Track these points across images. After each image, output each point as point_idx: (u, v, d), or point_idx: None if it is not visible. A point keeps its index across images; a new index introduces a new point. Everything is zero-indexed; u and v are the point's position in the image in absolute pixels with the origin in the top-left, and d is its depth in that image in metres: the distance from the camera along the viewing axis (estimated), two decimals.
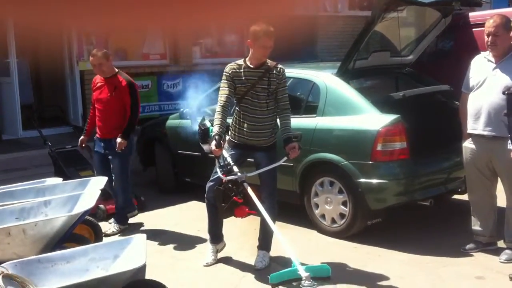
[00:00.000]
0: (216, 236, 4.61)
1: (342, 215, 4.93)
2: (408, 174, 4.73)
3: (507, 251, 4.27)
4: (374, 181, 4.68)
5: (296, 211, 5.26)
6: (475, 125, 4.27)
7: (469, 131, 4.34)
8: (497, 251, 4.40)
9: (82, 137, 5.84)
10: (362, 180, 4.72)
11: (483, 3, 5.90)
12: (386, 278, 4.09)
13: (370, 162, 4.71)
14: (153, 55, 10.05)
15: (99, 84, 5.66)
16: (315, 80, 5.38)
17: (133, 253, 3.42)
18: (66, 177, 5.71)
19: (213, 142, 4.08)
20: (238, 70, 4.27)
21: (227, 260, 4.61)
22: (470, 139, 4.35)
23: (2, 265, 3.17)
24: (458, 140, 4.92)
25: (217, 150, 4.09)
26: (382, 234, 4.87)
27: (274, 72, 4.26)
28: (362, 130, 4.79)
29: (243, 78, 4.25)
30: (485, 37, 4.20)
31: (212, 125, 4.31)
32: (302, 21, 11.41)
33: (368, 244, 4.74)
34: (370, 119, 4.81)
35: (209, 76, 9.90)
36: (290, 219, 5.25)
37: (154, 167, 7.07)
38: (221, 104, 4.21)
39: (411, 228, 5.10)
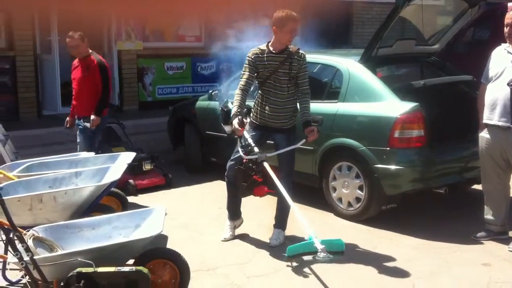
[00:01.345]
0: (234, 213, 4.83)
1: (358, 199, 5.08)
2: (424, 161, 4.83)
3: None
4: (391, 167, 4.80)
5: (314, 193, 5.43)
6: (491, 115, 4.33)
7: (485, 121, 4.41)
8: (507, 240, 4.48)
9: (68, 118, 6.18)
10: (379, 165, 4.85)
11: None
12: (394, 260, 4.25)
13: (388, 148, 4.83)
14: (188, 37, 10.29)
15: (74, 65, 6.06)
16: (339, 66, 5.50)
17: (153, 223, 3.67)
18: (99, 152, 6.04)
19: (236, 121, 4.29)
20: (260, 55, 4.44)
21: (244, 237, 4.84)
22: (486, 129, 4.42)
23: (33, 228, 3.48)
24: (476, 131, 4.97)
25: (239, 128, 4.29)
26: (396, 219, 5.01)
27: (296, 57, 4.42)
28: (381, 116, 4.90)
29: (266, 62, 4.43)
30: (505, 28, 4.24)
31: (233, 105, 4.51)
32: (338, 6, 11.44)
33: (381, 228, 4.88)
34: (389, 106, 4.92)
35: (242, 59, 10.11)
36: (308, 201, 5.43)
37: (183, 146, 7.33)
38: (240, 88, 4.42)
39: (424, 215, 5.21)
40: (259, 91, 4.57)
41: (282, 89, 4.44)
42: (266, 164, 4.29)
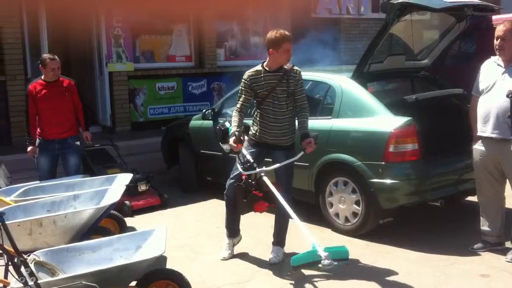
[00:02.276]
0: (234, 231, 4.85)
1: (355, 214, 5.12)
2: (419, 175, 4.89)
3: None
4: (386, 181, 4.85)
5: (311, 209, 5.46)
6: (484, 127, 4.40)
7: (478, 133, 4.48)
8: (504, 251, 4.53)
9: (31, 147, 5.92)
10: (375, 180, 4.89)
11: (496, 8, 5.94)
12: (394, 274, 4.28)
13: (383, 162, 4.88)
14: (179, 57, 10.36)
15: (43, 90, 5.84)
16: (331, 82, 5.58)
17: (154, 244, 3.68)
18: (94, 174, 6.04)
19: (232, 138, 4.37)
20: (257, 76, 4.50)
21: (243, 255, 4.84)
22: (480, 141, 4.49)
23: (34, 253, 3.47)
24: (469, 143, 5.05)
25: (236, 145, 4.36)
26: (393, 232, 5.05)
27: (292, 73, 4.50)
28: (375, 131, 4.97)
29: (263, 82, 4.48)
30: (495, 40, 4.34)
31: (231, 125, 4.56)
32: (326, 22, 11.65)
33: (379, 242, 4.92)
34: (383, 121, 4.98)
35: (233, 78, 10.20)
36: (305, 217, 5.37)
37: (178, 166, 7.35)
38: (237, 110, 4.53)
39: (421, 228, 5.25)
40: (258, 110, 4.60)
41: (281, 106, 4.49)
42: (265, 179, 4.34)
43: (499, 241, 4.59)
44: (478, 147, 4.52)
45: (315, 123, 5.26)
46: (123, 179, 5.05)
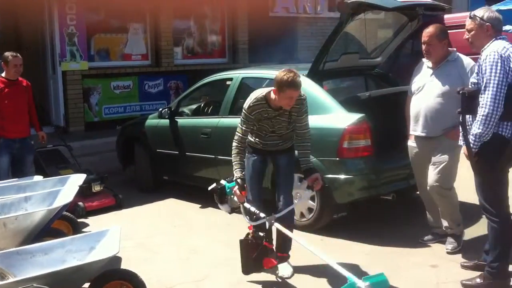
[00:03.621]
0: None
1: (310, 210, 5.19)
2: (372, 170, 4.99)
3: (450, 239, 4.57)
4: (341, 176, 4.94)
5: (267, 206, 5.47)
6: (415, 127, 4.55)
7: (410, 132, 4.63)
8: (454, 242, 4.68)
9: None
10: (329, 176, 4.97)
11: (447, 8, 6.12)
12: (348, 267, 4.30)
13: (337, 158, 4.96)
14: (135, 56, 10.24)
15: (6, 89, 5.81)
16: None
17: (108, 244, 3.63)
18: (46, 175, 5.91)
19: (236, 187, 4.05)
20: (259, 109, 4.08)
21: (200, 254, 4.85)
22: (413, 138, 4.62)
23: None
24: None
25: (240, 194, 4.05)
26: (347, 227, 5.15)
27: (295, 105, 4.05)
28: (330, 128, 5.04)
29: (264, 114, 4.10)
30: (422, 45, 4.46)
31: (228, 182, 4.21)
32: (282, 22, 11.74)
33: (334, 237, 5.00)
34: (337, 118, 5.07)
35: (190, 76, 10.16)
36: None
37: (133, 166, 7.27)
38: (237, 145, 4.14)
39: (374, 221, 5.38)
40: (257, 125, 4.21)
41: (280, 131, 4.19)
42: (277, 225, 3.95)
43: (446, 232, 4.73)
44: (412, 144, 4.66)
45: None
46: (76, 180, 4.96)
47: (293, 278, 4.18)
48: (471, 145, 3.71)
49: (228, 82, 6.29)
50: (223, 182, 4.28)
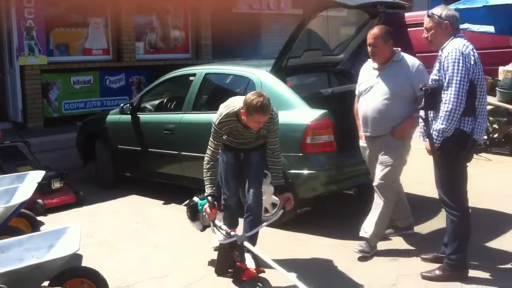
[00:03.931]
0: (232, 224, 4.33)
1: (274, 205, 5.20)
2: (334, 165, 5.04)
3: (362, 243, 4.48)
4: (304, 172, 4.97)
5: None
6: (364, 127, 4.53)
7: (361, 132, 4.62)
8: (414, 235, 4.80)
9: None
10: (293, 171, 5.00)
11: (407, 6, 6.23)
12: (310, 262, 4.41)
13: (300, 154, 4.99)
14: (95, 50, 10.05)
15: None
16: (251, 77, 5.63)
17: (68, 242, 3.55)
18: (4, 172, 5.75)
19: (207, 204, 4.01)
20: (230, 125, 4.06)
21: (162, 251, 4.80)
22: (364, 138, 4.62)
23: None
24: None
25: (210, 212, 3.99)
26: (311, 222, 5.19)
27: (266, 123, 4.00)
28: (293, 124, 5.06)
29: (235, 129, 4.09)
30: (368, 47, 4.43)
31: (200, 199, 4.19)
32: (246, 18, 11.74)
33: (298, 232, 5.04)
34: (300, 113, 5.10)
35: (152, 72, 10.05)
36: None
37: (94, 162, 7.14)
38: (209, 160, 4.08)
39: (337, 216, 5.45)
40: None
41: (250, 141, 4.20)
42: (247, 244, 3.93)
43: (408, 225, 4.81)
44: (363, 144, 4.64)
45: None
46: (34, 177, 4.83)
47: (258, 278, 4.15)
48: (434, 140, 3.78)
49: (191, 78, 6.25)
50: (195, 199, 4.27)
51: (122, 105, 6.73)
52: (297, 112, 5.12)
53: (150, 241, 5.07)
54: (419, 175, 6.40)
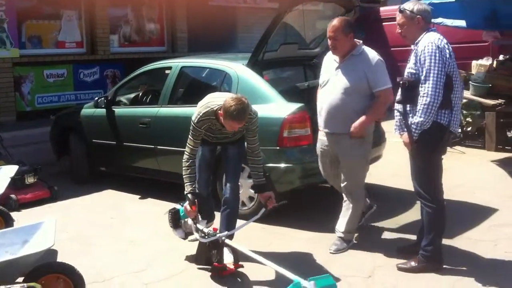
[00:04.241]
0: (207, 216, 4.47)
1: (251, 198, 5.21)
2: (311, 158, 5.03)
3: (337, 241, 4.50)
4: (281, 165, 4.99)
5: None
6: (320, 122, 4.46)
7: (319, 125, 4.55)
8: (390, 227, 4.88)
9: None
10: (270, 164, 5.00)
11: (382, 0, 6.28)
12: (287, 255, 4.42)
13: (277, 147, 5.00)
14: (69, 43, 9.88)
15: None
16: (228, 70, 5.61)
17: (42, 237, 3.51)
18: None
19: (187, 202, 3.98)
20: (208, 123, 4.07)
21: (139, 245, 4.77)
22: (321, 132, 4.52)
23: None
24: None
25: (190, 210, 3.97)
26: (288, 215, 5.20)
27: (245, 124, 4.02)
28: (270, 117, 5.06)
29: (212, 127, 4.12)
30: (328, 40, 4.32)
31: (182, 206, 4.14)
32: (222, 11, 11.67)
33: (275, 225, 5.05)
34: (277, 107, 5.10)
35: (127, 65, 9.93)
36: None
37: (68, 157, 7.04)
38: (188, 158, 4.07)
39: (314, 209, 5.48)
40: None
41: (227, 136, 4.22)
42: (228, 241, 3.93)
43: (367, 206, 4.79)
44: (321, 137, 4.55)
45: None
46: (7, 172, 4.75)
47: (237, 273, 4.15)
48: (412, 133, 3.81)
49: (167, 71, 6.20)
50: (177, 206, 4.24)
51: (96, 98, 6.65)
52: (274, 106, 5.13)
53: (126, 236, 5.02)
54: (394, 168, 6.50)
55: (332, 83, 4.35)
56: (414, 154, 3.94)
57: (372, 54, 4.34)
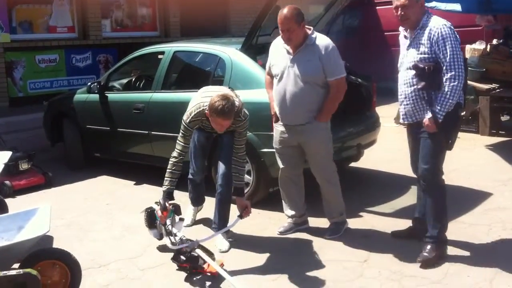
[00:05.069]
0: (198, 200, 4.73)
1: (246, 184, 5.18)
2: None
3: (331, 226, 4.52)
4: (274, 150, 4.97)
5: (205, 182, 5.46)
6: (280, 114, 4.35)
7: (278, 115, 4.40)
8: (385, 212, 4.90)
9: None
10: (265, 150, 4.99)
11: None
12: (282, 240, 4.44)
13: (271, 132, 4.96)
14: (60, 28, 9.78)
15: None
16: (221, 55, 5.57)
17: (38, 223, 3.50)
18: None
19: (158, 207, 4.01)
20: (199, 122, 4.15)
21: (134, 232, 4.76)
22: (280, 121, 4.40)
23: None
24: (352, 112, 5.35)
25: (161, 215, 3.96)
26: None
27: (233, 124, 4.08)
28: (264, 102, 4.99)
29: (202, 126, 4.21)
30: (280, 32, 4.19)
31: (158, 205, 4.10)
32: None
33: (270, 210, 5.06)
34: None
35: (120, 50, 9.85)
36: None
37: (62, 142, 7.01)
38: (174, 161, 4.10)
39: (308, 194, 5.44)
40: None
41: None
42: (199, 251, 3.87)
43: (304, 220, 4.68)
44: (278, 127, 4.42)
45: None
46: (1, 158, 4.71)
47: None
48: (440, 116, 3.75)
49: (160, 56, 6.14)
50: (154, 206, 4.21)
51: (89, 84, 6.59)
52: None
53: (121, 222, 5.02)
54: (388, 153, 6.51)
55: (288, 75, 4.21)
56: (436, 136, 3.83)
57: (326, 42, 4.21)
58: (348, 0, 5.97)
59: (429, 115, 3.81)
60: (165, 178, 4.09)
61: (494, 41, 8.90)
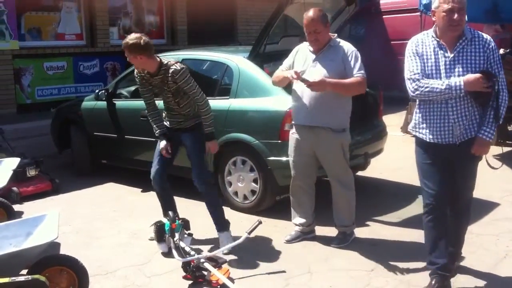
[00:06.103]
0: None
1: (253, 192, 5.22)
2: None
3: (338, 235, 4.51)
4: (282, 158, 4.97)
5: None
6: (298, 115, 4.34)
7: (293, 121, 4.43)
8: (392, 221, 4.89)
9: None
10: (272, 158, 5.01)
11: None
12: (289, 248, 4.44)
13: (279, 141, 5.00)
14: (68, 36, 9.86)
15: None
16: (229, 63, 5.60)
17: (46, 229, 3.51)
18: None
19: (161, 144, 4.48)
20: (143, 76, 4.45)
21: (141, 239, 4.77)
22: (294, 129, 4.40)
23: None
24: (360, 121, 5.34)
25: (164, 148, 4.47)
26: (289, 208, 5.18)
27: (169, 75, 4.25)
28: (271, 110, 5.06)
29: (150, 82, 4.43)
30: (306, 33, 4.22)
31: (168, 220, 4.29)
32: (222, 3, 11.64)
33: (276, 218, 5.06)
34: (278, 100, 5.09)
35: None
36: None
37: (70, 149, 7.04)
38: (149, 114, 4.61)
39: (316, 202, 5.43)
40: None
41: (172, 102, 4.40)
42: (207, 265, 3.87)
43: (312, 230, 4.66)
44: (294, 135, 4.42)
45: (213, 103, 5.22)
46: (9, 164, 4.76)
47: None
48: (493, 132, 3.47)
49: None
50: (163, 220, 4.35)
51: (97, 91, 6.63)
52: (275, 99, 5.12)
53: (128, 229, 5.03)
54: (395, 162, 6.50)
55: (309, 73, 4.21)
56: (478, 156, 3.60)
57: (349, 45, 4.27)
58: (355, 9, 5.99)
59: (485, 135, 3.45)
60: (153, 128, 4.54)
61: (501, 51, 8.89)
